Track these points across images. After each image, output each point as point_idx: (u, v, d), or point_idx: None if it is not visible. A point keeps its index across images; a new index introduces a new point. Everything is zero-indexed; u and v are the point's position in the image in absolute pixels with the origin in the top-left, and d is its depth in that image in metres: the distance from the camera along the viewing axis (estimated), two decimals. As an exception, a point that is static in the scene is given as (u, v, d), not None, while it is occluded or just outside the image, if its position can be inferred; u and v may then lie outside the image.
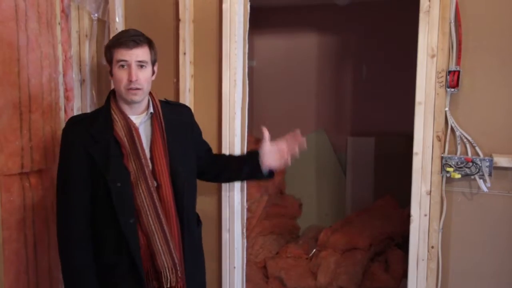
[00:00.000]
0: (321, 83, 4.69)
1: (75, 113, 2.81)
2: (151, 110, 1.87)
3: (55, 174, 1.92)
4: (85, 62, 2.83)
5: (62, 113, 2.70)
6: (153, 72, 1.88)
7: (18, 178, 2.28)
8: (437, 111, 2.19)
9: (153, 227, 1.78)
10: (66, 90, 2.74)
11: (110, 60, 1.82)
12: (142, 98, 1.83)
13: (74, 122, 1.87)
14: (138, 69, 1.77)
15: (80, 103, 2.85)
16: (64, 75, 2.72)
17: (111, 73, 1.83)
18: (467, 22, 2.14)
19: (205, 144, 2.18)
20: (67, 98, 2.75)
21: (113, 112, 1.82)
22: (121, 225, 1.75)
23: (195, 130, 2.08)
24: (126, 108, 1.84)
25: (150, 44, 1.84)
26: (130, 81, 1.75)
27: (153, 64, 1.86)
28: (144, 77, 1.79)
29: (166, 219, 1.81)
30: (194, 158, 2.01)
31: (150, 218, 1.78)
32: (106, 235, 1.80)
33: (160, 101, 1.95)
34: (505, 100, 2.13)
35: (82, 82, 2.84)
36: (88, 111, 2.80)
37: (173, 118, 1.93)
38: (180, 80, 2.61)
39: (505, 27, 2.10)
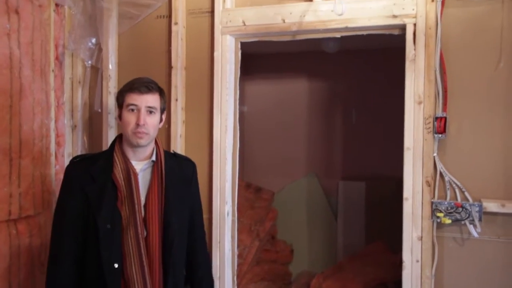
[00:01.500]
0: (312, 128, 4.74)
1: (66, 159, 2.81)
2: (154, 158, 1.88)
3: (43, 221, 1.90)
4: (78, 108, 2.85)
5: (52, 159, 2.70)
6: (161, 120, 1.91)
7: (5, 225, 2.24)
8: (426, 157, 2.22)
9: (135, 275, 1.75)
10: (57, 135, 2.75)
11: (121, 104, 1.84)
12: (147, 143, 1.84)
13: (76, 161, 1.89)
14: (147, 114, 1.81)
15: (71, 148, 2.85)
16: (55, 121, 2.73)
17: (120, 116, 1.86)
18: (451, 70, 2.20)
19: (196, 219, 2.06)
20: (58, 144, 2.75)
21: (115, 155, 1.83)
22: (104, 268, 1.72)
23: (193, 186, 2.05)
24: (129, 153, 1.85)
25: (161, 92, 1.89)
26: (137, 124, 1.78)
27: (161, 112, 1.90)
28: (152, 122, 1.82)
29: (150, 270, 1.78)
30: (188, 214, 1.98)
31: (133, 266, 1.75)
32: (89, 276, 1.77)
33: (167, 152, 1.97)
34: (491, 146, 2.17)
35: (74, 128, 2.85)
36: (79, 156, 2.80)
37: (175, 170, 1.93)
38: (172, 126, 2.63)
39: (489, 74, 2.17)
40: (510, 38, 2.12)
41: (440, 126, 2.18)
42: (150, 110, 1.82)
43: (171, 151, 2.04)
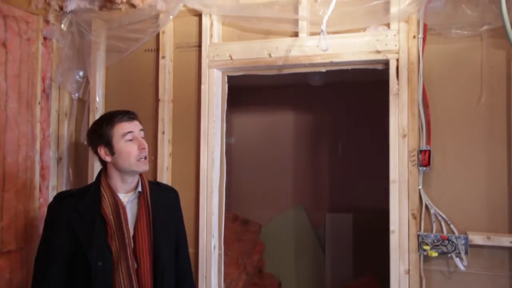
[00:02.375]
0: (299, 160, 4.76)
1: (50, 192, 2.77)
2: (140, 189, 1.87)
3: (25, 256, 1.86)
4: (63, 141, 2.84)
5: (36, 192, 2.66)
6: None
7: (-15, 261, 2.19)
8: (411, 189, 2.24)
9: None
10: (42, 168, 2.72)
11: (109, 139, 1.79)
12: (148, 167, 1.87)
13: (61, 198, 1.85)
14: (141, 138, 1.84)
15: (56, 181, 2.82)
16: (41, 154, 2.71)
17: (111, 152, 1.80)
18: (434, 104, 2.25)
19: (181, 247, 2.03)
20: (42, 177, 2.72)
21: (102, 189, 1.81)
22: None
23: (177, 214, 2.04)
24: (117, 186, 1.83)
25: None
26: (142, 149, 1.80)
27: None
28: (147, 145, 1.85)
29: None
30: (174, 242, 1.97)
31: None
32: None
33: (150, 182, 1.96)
34: (476, 178, 2.19)
35: (59, 160, 2.83)
36: (64, 189, 2.77)
37: (160, 199, 1.92)
38: (159, 158, 2.63)
39: (471, 108, 2.21)
40: (490, 74, 2.18)
41: (424, 159, 2.21)
42: (142, 134, 1.85)
43: (153, 180, 2.04)
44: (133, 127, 1.81)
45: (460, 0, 2.17)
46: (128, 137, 1.79)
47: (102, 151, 1.82)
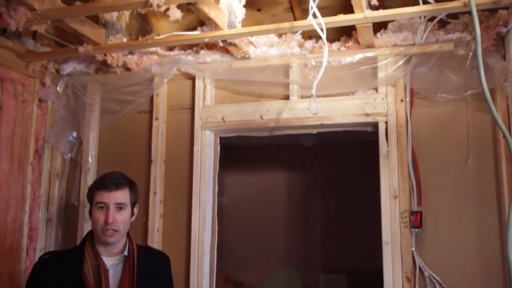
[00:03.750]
0: (291, 219, 4.73)
1: (38, 253, 2.71)
2: (126, 253, 1.85)
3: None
4: (54, 201, 2.81)
5: (23, 254, 2.61)
6: (133, 214, 1.91)
7: (-34, 327, 2.11)
8: (404, 251, 2.22)
9: None
10: (30, 229, 2.68)
11: (90, 201, 1.86)
12: (117, 240, 1.82)
13: (45, 258, 1.85)
14: (116, 211, 1.81)
15: (44, 243, 2.76)
16: (30, 215, 2.68)
17: (90, 213, 1.85)
18: (424, 165, 2.28)
19: None
20: (30, 238, 2.67)
21: (86, 251, 1.80)
22: None
23: (166, 283, 2.00)
24: (101, 249, 1.82)
25: (131, 186, 1.90)
26: (106, 222, 1.77)
27: (133, 205, 1.90)
28: (121, 219, 1.82)
29: None
30: None
31: None
32: None
33: (140, 246, 1.94)
34: (468, 240, 2.19)
35: (48, 221, 2.79)
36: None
37: (148, 265, 1.90)
38: (149, 219, 2.60)
39: (459, 169, 2.24)
40: (476, 137, 2.23)
41: (416, 220, 2.21)
42: (120, 207, 1.82)
43: (144, 246, 2.01)
44: (108, 199, 1.81)
45: (444, 66, 2.26)
46: (99, 205, 1.81)
47: (88, 208, 1.89)
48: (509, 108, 2.12)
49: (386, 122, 2.33)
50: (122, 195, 1.84)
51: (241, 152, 4.64)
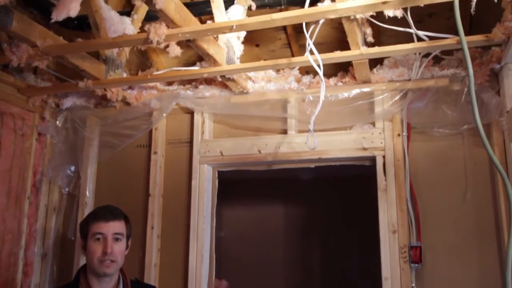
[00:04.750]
0: (289, 254, 4.68)
1: (32, 289, 2.67)
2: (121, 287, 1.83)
3: None
4: (50, 236, 2.78)
5: (17, 290, 2.56)
6: (127, 247, 1.89)
7: None
8: (404, 287, 2.19)
9: None
10: (25, 265, 2.64)
11: (85, 235, 1.83)
12: (115, 271, 1.81)
13: None
14: (113, 241, 1.79)
15: (39, 278, 2.72)
16: (25, 249, 2.65)
17: (84, 247, 1.83)
18: (422, 200, 2.27)
19: None
20: (25, 274, 2.64)
21: (80, 287, 1.78)
22: None
23: None
24: (95, 284, 1.79)
25: (126, 218, 1.90)
26: (105, 253, 1.76)
27: (127, 238, 1.89)
28: (119, 250, 1.80)
29: None
30: None
31: None
32: None
33: (133, 281, 1.92)
34: (468, 275, 2.16)
35: (44, 256, 2.76)
36: (47, 287, 2.68)
37: None
38: (147, 254, 2.58)
39: (458, 204, 2.24)
40: (474, 171, 2.24)
41: (415, 255, 2.19)
42: (117, 237, 1.82)
43: (134, 278, 1.98)
44: (106, 229, 1.80)
45: (440, 101, 2.28)
46: (96, 237, 1.79)
47: (81, 244, 1.87)
48: (506, 143, 2.13)
49: (384, 157, 2.34)
50: (120, 226, 1.84)
51: (239, 185, 4.63)
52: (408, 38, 2.09)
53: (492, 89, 2.18)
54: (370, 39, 2.12)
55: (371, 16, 1.93)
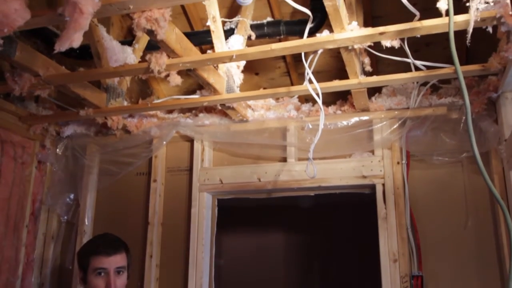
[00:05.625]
0: (290, 282, 4.61)
1: (28, 320, 2.62)
2: None
3: None
4: (47, 265, 2.75)
5: (13, 322, 2.52)
6: (128, 276, 1.87)
7: None
8: (406, 318, 2.16)
9: None
10: (22, 295, 2.61)
11: (85, 268, 1.79)
12: None
13: None
14: (116, 275, 1.76)
15: (35, 310, 2.68)
16: (22, 279, 2.61)
17: (83, 280, 1.79)
18: (423, 228, 2.26)
19: None
20: (21, 304, 2.60)
21: None
22: None
23: None
24: None
25: (126, 248, 1.89)
26: None
27: (128, 268, 1.87)
28: (121, 283, 1.79)
29: None
30: None
31: None
32: None
33: None
34: (471, 306, 2.14)
35: (41, 286, 2.72)
36: (43, 318, 2.64)
37: None
38: (145, 284, 2.54)
39: (459, 233, 2.22)
40: (474, 199, 2.23)
41: (417, 285, 2.16)
42: (119, 270, 1.79)
43: None
44: (108, 264, 1.77)
45: (439, 129, 2.30)
46: (98, 271, 1.77)
47: (79, 276, 1.84)
48: (505, 171, 2.14)
49: (383, 185, 2.34)
50: (121, 259, 1.82)
51: (239, 213, 4.60)
52: (406, 66, 2.12)
53: (490, 118, 2.20)
54: (368, 68, 2.14)
55: (369, 46, 1.95)
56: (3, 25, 1.41)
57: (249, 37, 2.36)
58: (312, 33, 1.99)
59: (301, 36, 1.99)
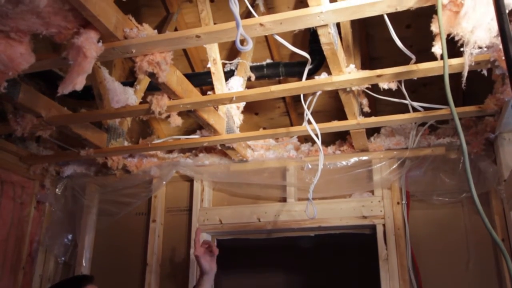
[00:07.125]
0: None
1: None
2: None
3: None
4: (43, 308, 2.70)
5: None
6: None
7: None
8: None
9: None
10: None
11: None
12: None
13: None
14: None
15: None
16: (17, 323, 2.56)
17: None
18: (425, 269, 2.23)
19: None
20: None
21: None
22: None
23: None
24: None
25: None
26: None
27: None
28: None
29: None
30: None
31: None
32: None
33: None
34: None
35: (35, 330, 2.66)
36: None
37: None
38: (142, 328, 2.49)
39: (461, 274, 2.19)
40: (475, 239, 2.21)
41: (421, 328, 2.12)
42: None
43: None
44: None
45: (438, 169, 2.30)
46: None
47: None
48: (505, 211, 2.13)
49: (384, 225, 2.32)
50: None
51: (238, 253, 4.54)
52: (404, 106, 2.14)
53: (488, 158, 2.21)
54: (366, 109, 2.17)
55: (367, 88, 1.98)
56: (8, 69, 1.43)
57: (248, 78, 2.39)
58: (311, 75, 2.02)
59: (300, 77, 2.03)
